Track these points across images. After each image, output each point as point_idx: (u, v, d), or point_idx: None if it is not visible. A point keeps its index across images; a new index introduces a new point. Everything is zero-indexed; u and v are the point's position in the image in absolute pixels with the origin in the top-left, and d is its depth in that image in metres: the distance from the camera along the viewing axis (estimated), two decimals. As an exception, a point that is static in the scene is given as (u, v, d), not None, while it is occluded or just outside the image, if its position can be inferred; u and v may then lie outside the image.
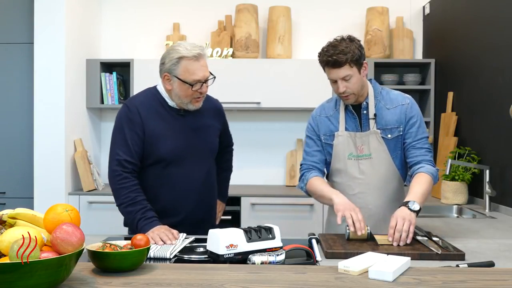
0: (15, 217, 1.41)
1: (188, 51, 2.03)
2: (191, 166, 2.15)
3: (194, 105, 2.11)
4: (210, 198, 2.28)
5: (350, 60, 2.01)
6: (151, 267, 1.50)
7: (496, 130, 3.00)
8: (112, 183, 2.08)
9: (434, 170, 2.06)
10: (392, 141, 2.12)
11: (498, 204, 2.94)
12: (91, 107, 3.98)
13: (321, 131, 2.22)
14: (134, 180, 2.07)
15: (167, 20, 4.22)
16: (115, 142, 2.11)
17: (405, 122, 2.12)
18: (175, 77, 2.06)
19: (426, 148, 2.12)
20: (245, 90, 3.83)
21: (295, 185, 4.07)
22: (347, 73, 2.03)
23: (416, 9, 4.22)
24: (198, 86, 2.05)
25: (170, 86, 2.10)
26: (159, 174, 2.13)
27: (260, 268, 1.50)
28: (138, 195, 2.04)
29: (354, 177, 2.14)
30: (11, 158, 3.74)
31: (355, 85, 2.06)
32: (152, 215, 2.01)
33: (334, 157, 2.18)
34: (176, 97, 2.10)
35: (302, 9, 4.20)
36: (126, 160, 2.06)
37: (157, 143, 2.09)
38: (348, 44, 2.03)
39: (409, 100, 2.15)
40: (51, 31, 3.57)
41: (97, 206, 3.56)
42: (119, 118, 2.14)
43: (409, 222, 1.83)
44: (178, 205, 2.15)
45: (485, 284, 1.35)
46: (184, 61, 2.03)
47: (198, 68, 2.04)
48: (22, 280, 1.14)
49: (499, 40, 2.96)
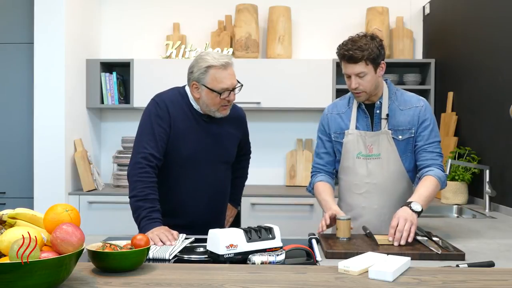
0: (15, 217, 1.41)
1: (216, 60, 2.06)
2: (205, 171, 2.17)
3: (222, 113, 2.13)
4: (221, 204, 2.30)
5: (366, 57, 2.00)
6: (151, 267, 1.50)
7: (496, 130, 2.99)
8: (132, 174, 2.07)
9: (442, 175, 2.06)
10: (402, 143, 2.10)
11: (498, 204, 2.94)
12: (91, 107, 3.98)
13: (331, 129, 2.21)
14: (154, 177, 2.07)
15: (167, 20, 4.22)
16: (143, 135, 2.10)
17: (418, 124, 2.10)
18: (203, 86, 2.08)
19: (437, 152, 2.11)
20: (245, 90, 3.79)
21: (295, 185, 4.08)
22: (361, 70, 2.02)
23: (416, 9, 4.22)
24: (226, 95, 2.08)
25: (198, 95, 2.12)
26: (174, 174, 2.14)
27: (260, 268, 1.50)
28: (152, 192, 2.04)
29: (362, 177, 2.13)
30: (11, 158, 3.74)
31: (369, 83, 2.05)
32: (157, 216, 2.00)
33: (343, 155, 2.17)
34: (204, 105, 2.12)
35: (302, 9, 4.20)
36: (152, 155, 2.06)
37: (180, 143, 2.11)
38: (368, 42, 2.02)
39: (423, 103, 2.13)
40: (51, 31, 3.57)
41: (97, 206, 3.56)
42: (148, 112, 2.14)
43: (411, 222, 1.83)
44: (187, 207, 2.16)
45: (485, 284, 1.35)
46: (212, 70, 2.06)
47: (226, 77, 2.07)
48: (22, 280, 1.14)
49: (499, 40, 2.96)
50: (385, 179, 2.10)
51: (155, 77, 3.84)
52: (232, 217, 2.52)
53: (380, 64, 2.06)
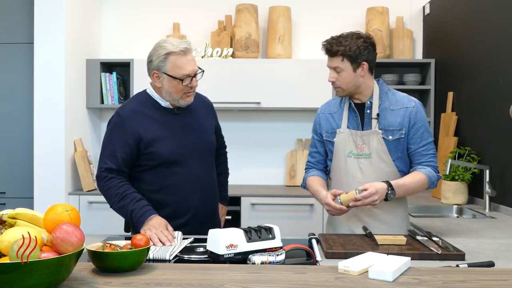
0: (15, 217, 1.41)
1: (174, 46, 2.03)
2: (193, 164, 2.15)
3: (185, 100, 2.11)
4: (213, 195, 2.28)
5: (341, 53, 2.04)
6: (151, 267, 1.50)
7: (496, 130, 2.99)
8: (100, 186, 2.09)
9: (433, 175, 2.08)
10: (393, 143, 2.10)
11: (498, 204, 2.94)
12: (91, 107, 3.98)
13: (323, 128, 2.22)
14: (121, 177, 2.07)
15: (167, 20, 4.22)
16: (104, 149, 2.11)
17: (409, 126, 2.09)
18: (164, 74, 2.05)
19: (431, 154, 2.12)
20: (245, 90, 3.83)
21: (295, 185, 4.08)
22: (337, 65, 2.07)
23: (416, 9, 4.22)
24: (188, 81, 2.06)
25: (159, 84, 2.09)
26: (164, 175, 2.12)
27: (260, 268, 1.50)
28: (127, 189, 2.04)
29: (354, 176, 2.13)
30: (11, 158, 3.74)
31: (345, 80, 2.08)
32: (144, 204, 2.01)
33: (335, 154, 2.17)
34: (167, 94, 2.09)
35: (302, 9, 4.20)
36: (111, 169, 2.06)
37: (157, 146, 2.08)
38: (350, 39, 2.04)
39: (415, 103, 2.12)
40: (51, 31, 3.57)
41: (97, 206, 3.56)
42: (111, 126, 2.13)
43: (375, 201, 1.95)
44: (186, 204, 2.15)
45: (485, 284, 1.35)
46: (172, 57, 2.03)
47: (187, 63, 2.04)
48: (22, 280, 1.14)
49: (499, 40, 2.96)
50: (376, 178, 2.08)
51: (155, 77, 3.83)
52: (223, 215, 2.50)
53: (360, 64, 2.06)
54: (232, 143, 2.61)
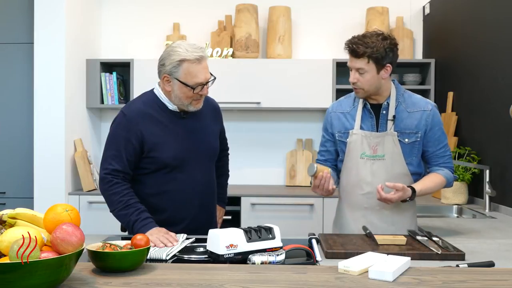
0: (15, 217, 1.41)
1: (189, 53, 1.98)
2: (193, 170, 2.12)
3: (195, 107, 2.08)
4: (212, 201, 2.27)
5: (369, 55, 2.00)
6: (151, 267, 1.50)
7: (496, 130, 2.99)
8: (103, 189, 2.06)
9: (450, 176, 2.13)
10: (408, 146, 2.08)
11: (498, 204, 2.94)
12: (91, 107, 3.98)
13: (335, 128, 2.19)
14: (126, 184, 2.04)
15: (167, 20, 4.22)
16: (108, 150, 2.07)
17: (426, 130, 2.09)
18: (175, 79, 2.02)
19: (448, 155, 2.15)
20: (245, 90, 3.83)
21: (295, 185, 4.08)
22: (361, 66, 2.02)
23: (416, 9, 4.22)
24: (199, 89, 2.02)
25: (169, 88, 2.05)
26: (164, 180, 2.09)
27: (260, 268, 1.50)
28: (131, 198, 2.01)
29: (365, 177, 2.11)
30: (11, 158, 3.74)
31: (368, 82, 2.04)
32: (147, 216, 1.99)
33: (347, 155, 2.15)
34: (176, 99, 2.06)
35: (302, 9, 4.20)
36: (117, 170, 2.03)
37: (159, 150, 2.05)
38: (376, 40, 2.00)
39: (431, 106, 2.11)
40: (51, 31, 3.57)
41: (97, 206, 3.56)
42: (115, 125, 2.09)
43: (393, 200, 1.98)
44: (183, 210, 2.12)
45: (485, 284, 1.35)
46: (185, 64, 1.99)
47: (200, 71, 2.00)
48: (22, 280, 1.14)
49: (499, 40, 2.96)
50: (387, 180, 2.05)
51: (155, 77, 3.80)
52: (221, 217, 2.48)
53: (384, 66, 2.03)
54: (232, 143, 2.61)
